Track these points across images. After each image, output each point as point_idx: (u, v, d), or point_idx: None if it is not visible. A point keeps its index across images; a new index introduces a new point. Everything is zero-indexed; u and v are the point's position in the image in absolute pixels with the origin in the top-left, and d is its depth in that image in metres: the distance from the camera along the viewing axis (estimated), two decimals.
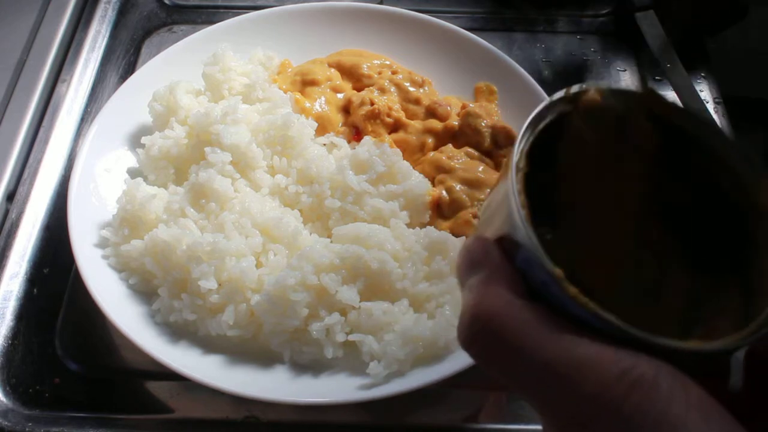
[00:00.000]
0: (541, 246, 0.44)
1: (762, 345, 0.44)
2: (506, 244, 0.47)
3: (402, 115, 1.13)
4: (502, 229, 0.47)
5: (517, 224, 0.45)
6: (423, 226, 1.03)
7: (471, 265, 0.47)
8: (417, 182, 1.04)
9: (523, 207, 0.45)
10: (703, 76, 1.29)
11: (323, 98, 1.15)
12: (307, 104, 1.13)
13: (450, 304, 0.94)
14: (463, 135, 1.11)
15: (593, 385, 0.40)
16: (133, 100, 1.13)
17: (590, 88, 0.51)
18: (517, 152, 0.48)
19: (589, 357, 0.40)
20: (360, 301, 0.93)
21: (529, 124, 0.49)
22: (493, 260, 0.46)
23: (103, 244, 1.01)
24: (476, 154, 1.09)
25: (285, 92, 1.14)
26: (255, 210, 0.98)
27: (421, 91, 1.17)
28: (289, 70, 1.21)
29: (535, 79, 1.14)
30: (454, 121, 1.11)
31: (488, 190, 1.05)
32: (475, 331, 0.45)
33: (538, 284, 0.45)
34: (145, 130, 1.13)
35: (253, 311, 0.93)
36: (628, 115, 0.51)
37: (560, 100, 0.50)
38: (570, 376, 0.41)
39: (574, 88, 0.51)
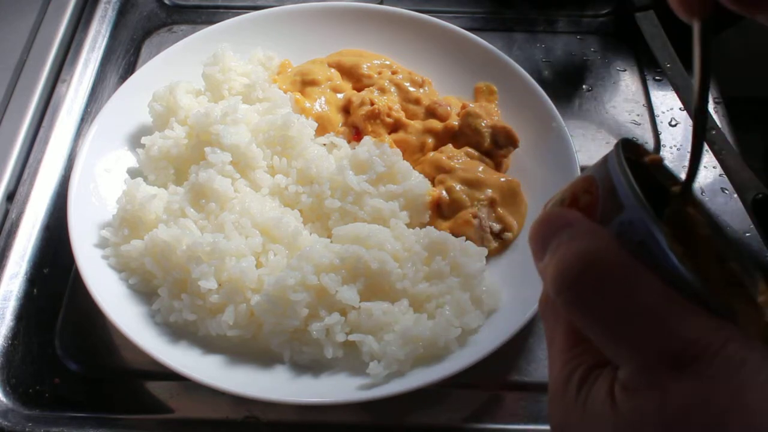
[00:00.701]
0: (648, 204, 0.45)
1: None
2: (600, 210, 0.48)
3: (402, 115, 1.13)
4: (596, 196, 0.48)
5: (620, 184, 0.46)
6: (423, 226, 1.03)
7: (553, 230, 0.48)
8: (417, 182, 1.04)
9: (625, 173, 0.46)
10: None
11: (323, 98, 1.15)
12: (307, 104, 1.13)
13: (450, 304, 0.94)
14: (463, 135, 1.11)
15: (694, 330, 0.42)
16: (133, 100, 1.13)
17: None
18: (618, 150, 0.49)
19: (691, 306, 0.42)
20: (360, 301, 0.93)
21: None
22: (581, 220, 0.47)
23: (103, 244, 1.01)
24: (476, 154, 1.09)
25: (285, 92, 1.14)
26: (255, 210, 0.98)
27: (421, 91, 1.17)
28: (289, 70, 1.21)
29: (535, 79, 1.14)
30: (454, 121, 1.11)
31: (488, 190, 1.05)
32: (580, 271, 0.45)
33: (634, 245, 0.46)
34: (145, 130, 1.13)
35: (253, 311, 0.93)
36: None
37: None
38: (674, 319, 0.42)
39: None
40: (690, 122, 1.17)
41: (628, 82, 1.30)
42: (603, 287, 0.44)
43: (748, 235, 1.09)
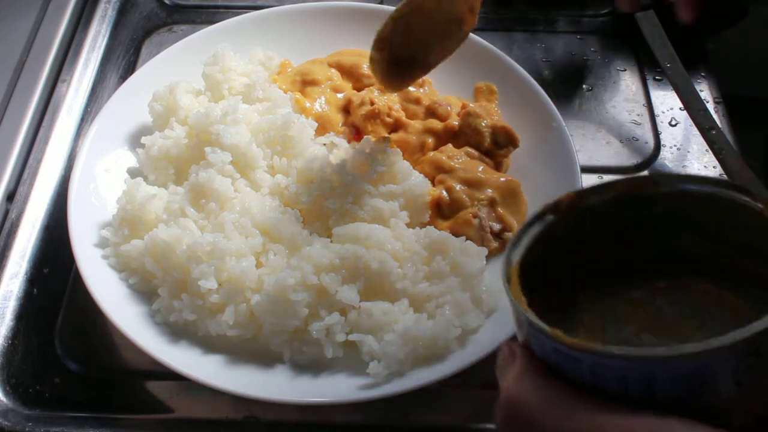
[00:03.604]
0: (536, 318, 0.50)
1: None
2: (525, 339, 0.53)
3: (402, 115, 1.13)
4: (517, 330, 0.54)
5: (518, 312, 0.51)
6: (423, 226, 1.03)
7: (503, 364, 0.56)
8: (417, 182, 1.04)
9: (516, 298, 0.52)
10: (703, 76, 1.29)
11: (323, 98, 1.15)
12: (307, 104, 1.13)
13: (450, 304, 0.93)
14: (463, 135, 1.10)
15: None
16: (133, 100, 1.13)
17: (565, 195, 0.58)
18: (508, 261, 0.55)
19: (604, 423, 0.47)
20: (360, 301, 0.93)
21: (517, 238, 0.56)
22: (517, 355, 0.54)
23: (103, 244, 1.01)
24: (476, 154, 1.09)
25: (285, 92, 1.14)
26: (255, 210, 0.98)
27: (421, 91, 1.17)
28: (289, 70, 1.21)
29: (535, 79, 1.14)
30: (454, 121, 1.11)
31: (488, 190, 1.05)
32: (507, 416, 0.53)
33: (552, 358, 0.50)
34: (145, 130, 1.12)
35: (253, 311, 0.93)
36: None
37: (541, 212, 0.57)
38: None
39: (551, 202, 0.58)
40: (690, 122, 1.17)
41: (628, 82, 1.30)
42: (529, 427, 0.51)
43: None
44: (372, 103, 1.11)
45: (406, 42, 0.98)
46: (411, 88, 1.16)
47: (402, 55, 0.99)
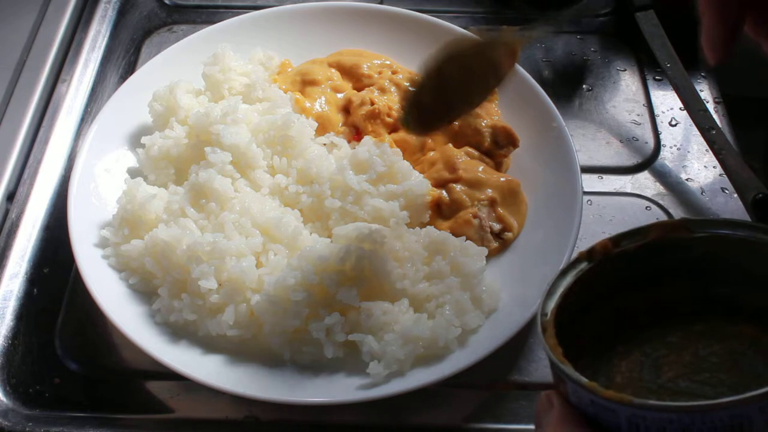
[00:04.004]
0: (572, 370, 0.51)
1: None
2: (561, 389, 0.54)
3: None
4: (554, 379, 0.55)
5: (554, 364, 0.52)
6: (423, 226, 1.03)
7: (540, 413, 0.56)
8: (417, 182, 1.04)
9: (552, 349, 0.53)
10: (703, 76, 1.29)
11: (323, 98, 1.15)
12: (307, 104, 1.13)
13: (450, 304, 0.93)
14: (463, 135, 1.10)
15: None
16: (133, 100, 1.13)
17: (599, 242, 0.59)
18: (543, 310, 0.56)
19: None
20: (360, 301, 0.93)
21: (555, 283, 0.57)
22: (555, 404, 0.54)
23: (103, 244, 1.01)
24: (476, 154, 1.09)
25: (285, 92, 1.14)
26: (255, 210, 0.98)
27: None
28: (289, 70, 1.21)
29: (535, 79, 1.14)
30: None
31: (489, 190, 1.05)
32: None
33: (590, 409, 0.51)
34: (145, 130, 1.12)
35: (253, 311, 0.93)
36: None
37: (576, 260, 0.59)
38: None
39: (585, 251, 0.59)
40: (690, 122, 1.17)
41: (628, 82, 1.30)
42: None
43: None
44: (372, 103, 1.11)
45: (440, 93, 0.90)
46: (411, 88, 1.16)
47: (432, 106, 0.91)
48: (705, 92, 1.26)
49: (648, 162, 1.19)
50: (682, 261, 0.60)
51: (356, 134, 1.12)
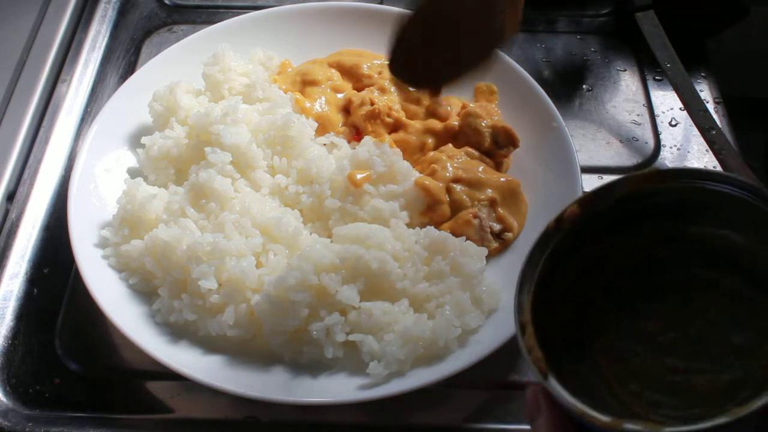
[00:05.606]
0: (561, 386, 0.52)
1: None
2: (547, 393, 0.55)
3: (402, 115, 1.13)
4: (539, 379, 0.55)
5: (537, 376, 0.53)
6: (423, 226, 1.03)
7: (529, 411, 0.58)
8: None
9: (534, 363, 0.53)
10: (703, 76, 1.29)
11: (323, 98, 1.15)
12: (307, 104, 1.13)
13: (450, 304, 0.94)
14: (463, 135, 1.10)
15: None
16: (133, 100, 1.14)
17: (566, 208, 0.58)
18: (519, 307, 0.55)
19: None
20: (360, 301, 0.93)
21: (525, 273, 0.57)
22: (542, 408, 0.56)
23: (103, 244, 1.01)
24: (476, 154, 1.09)
25: (285, 92, 1.14)
26: (255, 210, 0.98)
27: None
28: (289, 70, 1.21)
29: (535, 79, 1.14)
30: (454, 121, 1.11)
31: (489, 190, 1.05)
32: None
33: (576, 418, 0.52)
34: (145, 130, 1.13)
35: (253, 311, 0.93)
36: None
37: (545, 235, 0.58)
38: None
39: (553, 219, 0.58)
40: (690, 122, 1.17)
41: (628, 82, 1.30)
42: None
43: None
44: (372, 103, 1.11)
45: (431, 32, 0.79)
46: (410, 88, 1.16)
47: (422, 50, 0.82)
48: (705, 92, 1.26)
49: (648, 162, 1.19)
50: (654, 206, 0.59)
51: (356, 134, 1.12)
